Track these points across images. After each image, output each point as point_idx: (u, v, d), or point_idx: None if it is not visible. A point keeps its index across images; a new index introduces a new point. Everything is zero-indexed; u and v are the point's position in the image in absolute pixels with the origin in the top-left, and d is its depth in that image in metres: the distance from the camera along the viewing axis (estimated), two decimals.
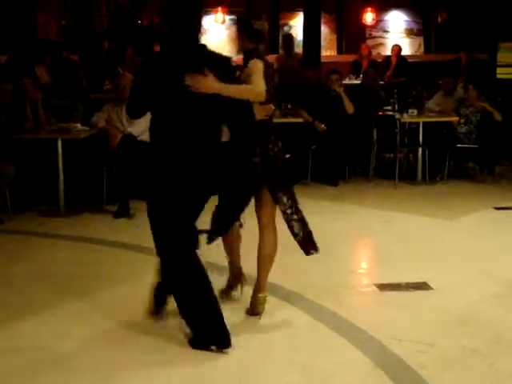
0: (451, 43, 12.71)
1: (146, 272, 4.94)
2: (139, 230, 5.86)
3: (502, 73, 12.55)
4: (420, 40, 14.03)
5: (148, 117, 3.78)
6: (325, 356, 3.61)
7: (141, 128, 6.78)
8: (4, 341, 3.82)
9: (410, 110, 8.13)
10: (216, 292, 3.80)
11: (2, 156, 6.47)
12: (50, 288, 4.66)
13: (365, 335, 3.84)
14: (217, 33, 13.58)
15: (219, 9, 13.48)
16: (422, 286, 4.62)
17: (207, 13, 13.54)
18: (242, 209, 4.09)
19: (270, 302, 4.33)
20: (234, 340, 3.67)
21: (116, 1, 13.10)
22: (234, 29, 13.68)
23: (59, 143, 6.63)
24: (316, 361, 3.55)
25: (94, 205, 6.92)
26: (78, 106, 7.98)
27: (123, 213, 6.57)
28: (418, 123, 8.17)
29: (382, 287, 4.62)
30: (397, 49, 11.75)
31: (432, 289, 4.58)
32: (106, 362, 3.54)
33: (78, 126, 6.94)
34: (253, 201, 4.13)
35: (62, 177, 6.70)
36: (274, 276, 4.73)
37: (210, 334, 3.64)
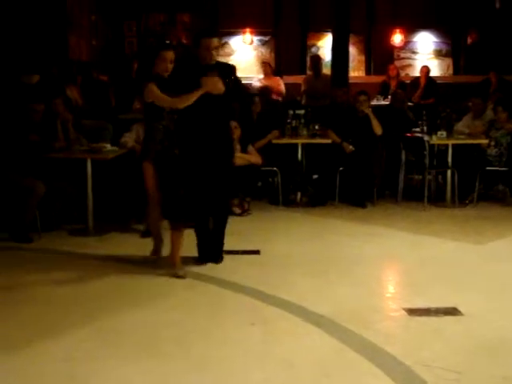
0: (481, 65, 12.63)
1: (172, 292, 4.98)
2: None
3: None
4: (449, 61, 13.97)
5: None
6: (354, 382, 3.56)
7: None
8: (34, 359, 3.85)
9: (439, 132, 8.08)
10: None
11: (32, 174, 6.55)
12: (78, 307, 4.68)
13: (394, 361, 3.79)
14: (244, 53, 13.66)
15: (247, 30, 13.57)
16: (452, 312, 4.55)
17: (235, 33, 13.63)
18: None
19: (298, 326, 4.32)
20: (261, 362, 3.65)
21: (146, 22, 13.26)
22: (261, 49, 13.77)
23: (89, 163, 6.70)
24: None
25: (122, 224, 6.96)
26: (107, 126, 8.07)
27: (150, 232, 6.60)
28: (446, 145, 8.11)
29: (411, 312, 4.56)
30: (425, 70, 11.71)
31: (462, 314, 4.51)
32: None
33: (108, 146, 7.00)
34: None
35: (90, 196, 6.75)
36: (302, 299, 4.74)
37: None
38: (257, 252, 6.01)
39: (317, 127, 8.54)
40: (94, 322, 4.39)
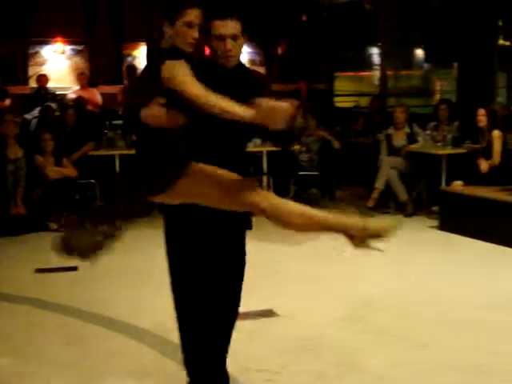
0: (292, 74, 13.17)
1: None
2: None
3: (339, 101, 13.20)
4: (262, 70, 14.43)
5: None
6: None
7: None
8: None
9: (253, 140, 8.30)
10: None
11: None
12: None
13: None
14: (57, 63, 13.19)
15: (58, 38, 13.10)
16: (268, 314, 4.67)
17: (45, 42, 13.12)
18: None
19: (118, 342, 4.22)
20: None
21: None
22: (75, 59, 13.36)
23: None
24: None
25: None
26: None
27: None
28: (261, 152, 8.36)
29: None
30: None
31: (278, 315, 4.65)
32: None
33: None
34: None
35: None
36: (120, 314, 4.63)
37: None
38: (74, 268, 5.74)
39: (134, 137, 8.43)
40: None
